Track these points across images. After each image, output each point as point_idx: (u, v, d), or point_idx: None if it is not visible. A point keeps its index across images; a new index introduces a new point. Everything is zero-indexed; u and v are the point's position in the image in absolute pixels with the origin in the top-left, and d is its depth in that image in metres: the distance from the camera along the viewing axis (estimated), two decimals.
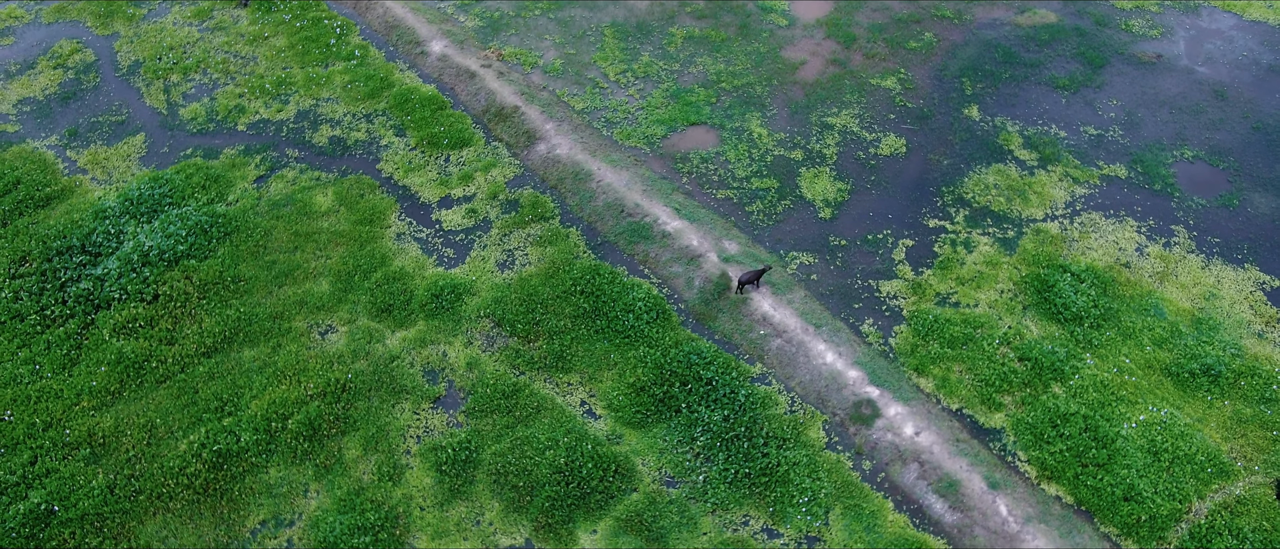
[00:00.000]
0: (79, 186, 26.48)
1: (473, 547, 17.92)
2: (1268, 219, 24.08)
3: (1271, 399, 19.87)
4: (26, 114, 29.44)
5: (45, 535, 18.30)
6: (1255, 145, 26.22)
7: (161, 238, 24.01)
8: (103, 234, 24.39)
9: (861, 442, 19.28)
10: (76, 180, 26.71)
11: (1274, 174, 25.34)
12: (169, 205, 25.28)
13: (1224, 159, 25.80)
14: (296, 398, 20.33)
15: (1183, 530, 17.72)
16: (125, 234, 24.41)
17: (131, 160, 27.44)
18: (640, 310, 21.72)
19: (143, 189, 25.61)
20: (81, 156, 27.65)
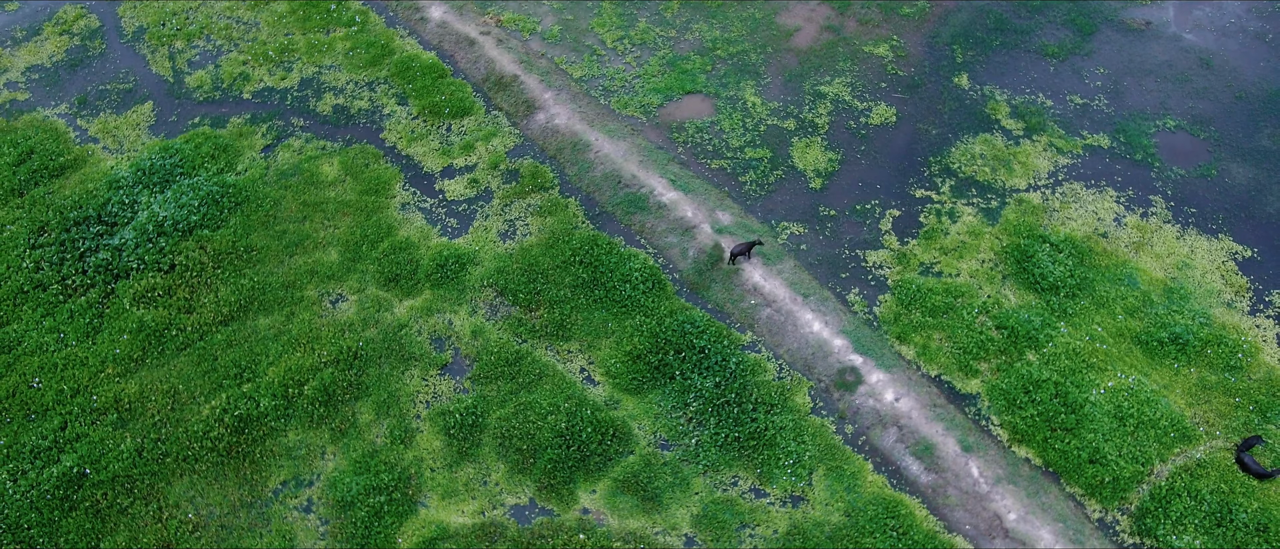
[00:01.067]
0: (91, 156, 27.21)
1: (480, 506, 19.22)
2: (1244, 189, 24.92)
3: (1236, 367, 20.99)
4: (35, 82, 29.99)
5: (78, 496, 19.58)
6: (1237, 115, 26.89)
7: (175, 208, 24.87)
8: (117, 204, 25.23)
9: (845, 407, 20.46)
10: (88, 149, 27.43)
11: (1253, 144, 26.07)
12: (180, 175, 26.06)
13: (1205, 129, 26.50)
14: (311, 365, 21.45)
15: (1144, 491, 19.00)
16: (139, 204, 25.25)
17: (141, 129, 28.12)
18: (637, 280, 22.71)
19: (154, 159, 26.36)
20: (92, 125, 28.32)
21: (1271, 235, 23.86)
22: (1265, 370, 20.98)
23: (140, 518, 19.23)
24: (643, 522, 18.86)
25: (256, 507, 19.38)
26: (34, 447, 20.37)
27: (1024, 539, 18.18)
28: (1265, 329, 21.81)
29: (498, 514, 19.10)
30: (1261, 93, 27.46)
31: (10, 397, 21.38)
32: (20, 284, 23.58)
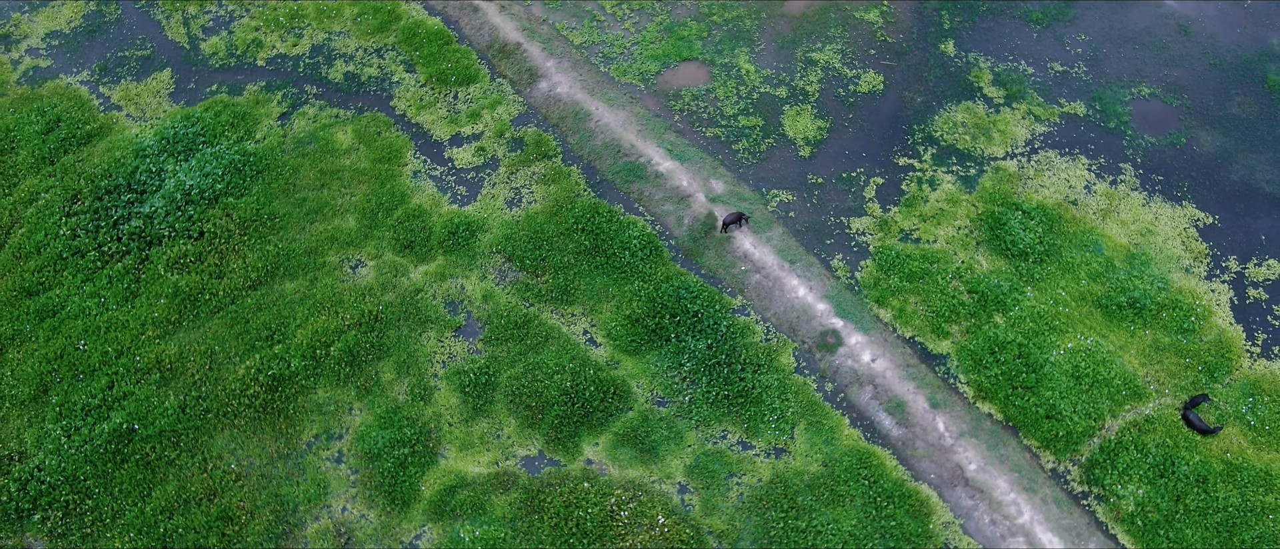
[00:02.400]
0: (116, 124, 28.57)
1: (494, 457, 21.28)
2: (1210, 157, 26.33)
3: (1189, 329, 22.78)
4: (56, 48, 31.12)
5: (129, 450, 21.64)
6: (1210, 82, 28.09)
7: (200, 177, 26.37)
8: (145, 173, 26.72)
9: (825, 367, 22.35)
10: (112, 117, 28.78)
11: (1223, 112, 27.35)
12: (202, 144, 27.47)
13: (1178, 97, 27.74)
14: (335, 327, 23.29)
15: (1094, 444, 21.00)
16: (166, 172, 26.75)
17: (161, 96, 29.40)
18: (635, 247, 24.37)
19: (177, 128, 27.73)
20: (114, 92, 29.59)
21: (1233, 202, 25.38)
22: (1216, 333, 22.78)
23: (187, 469, 21.33)
24: (641, 471, 20.94)
25: (292, 458, 21.46)
26: (84, 404, 22.34)
27: (982, 487, 20.26)
28: (1219, 293, 23.53)
29: (510, 464, 21.18)
30: (1236, 60, 28.59)
31: (59, 358, 23.28)
32: (59, 251, 25.25)
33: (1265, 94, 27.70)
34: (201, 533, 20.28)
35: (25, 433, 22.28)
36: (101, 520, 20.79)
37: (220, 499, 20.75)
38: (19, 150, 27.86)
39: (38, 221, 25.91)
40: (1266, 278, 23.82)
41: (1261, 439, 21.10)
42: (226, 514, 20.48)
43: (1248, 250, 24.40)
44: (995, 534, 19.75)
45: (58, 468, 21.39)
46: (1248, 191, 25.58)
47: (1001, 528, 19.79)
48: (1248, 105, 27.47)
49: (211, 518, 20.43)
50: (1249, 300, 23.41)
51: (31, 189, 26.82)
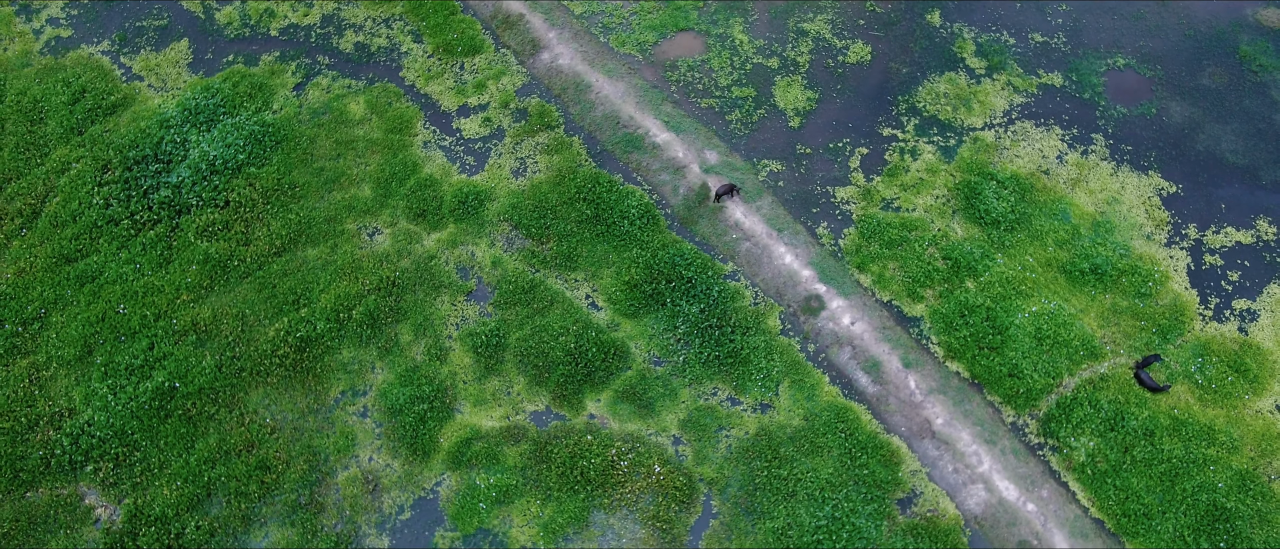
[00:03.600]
0: (138, 94, 29.98)
1: (505, 412, 23.37)
2: (1179, 127, 27.81)
3: (1146, 294, 24.62)
4: (76, 17, 32.29)
5: (172, 406, 23.72)
6: (1183, 52, 29.37)
7: (222, 147, 27.92)
8: (170, 143, 28.25)
9: (809, 329, 24.27)
10: (135, 88, 30.16)
11: (1195, 83, 28.72)
12: (223, 115, 28.93)
13: (1152, 68, 29.07)
14: (356, 292, 25.15)
15: (1052, 400, 23.03)
16: (190, 143, 28.28)
17: (180, 67, 30.72)
18: (634, 216, 26.06)
19: (198, 99, 29.15)
20: (135, 63, 30.91)
21: (1196, 171, 26.97)
22: (1172, 297, 24.63)
23: (226, 423, 23.43)
24: (639, 425, 23.04)
25: (321, 413, 23.54)
26: (127, 364, 24.34)
27: (947, 439, 22.37)
28: (1177, 260, 25.31)
29: (520, 419, 23.28)
30: (1209, 30, 29.83)
31: (101, 321, 25.20)
32: (93, 219, 26.95)
33: (1236, 65, 29.03)
34: (243, 481, 22.47)
35: (73, 391, 24.32)
36: (149, 470, 22.97)
37: (258, 450, 22.90)
38: (48, 121, 29.33)
39: (71, 191, 27.54)
40: (1223, 245, 25.56)
41: (1207, 397, 23.11)
42: (265, 464, 22.65)
43: (1207, 218, 26.07)
44: (957, 481, 21.93)
45: (106, 423, 23.48)
46: (1212, 161, 27.14)
47: (963, 476, 21.96)
48: (1218, 76, 28.82)
49: (251, 467, 22.60)
50: (1205, 266, 25.19)
51: (63, 159, 28.38)
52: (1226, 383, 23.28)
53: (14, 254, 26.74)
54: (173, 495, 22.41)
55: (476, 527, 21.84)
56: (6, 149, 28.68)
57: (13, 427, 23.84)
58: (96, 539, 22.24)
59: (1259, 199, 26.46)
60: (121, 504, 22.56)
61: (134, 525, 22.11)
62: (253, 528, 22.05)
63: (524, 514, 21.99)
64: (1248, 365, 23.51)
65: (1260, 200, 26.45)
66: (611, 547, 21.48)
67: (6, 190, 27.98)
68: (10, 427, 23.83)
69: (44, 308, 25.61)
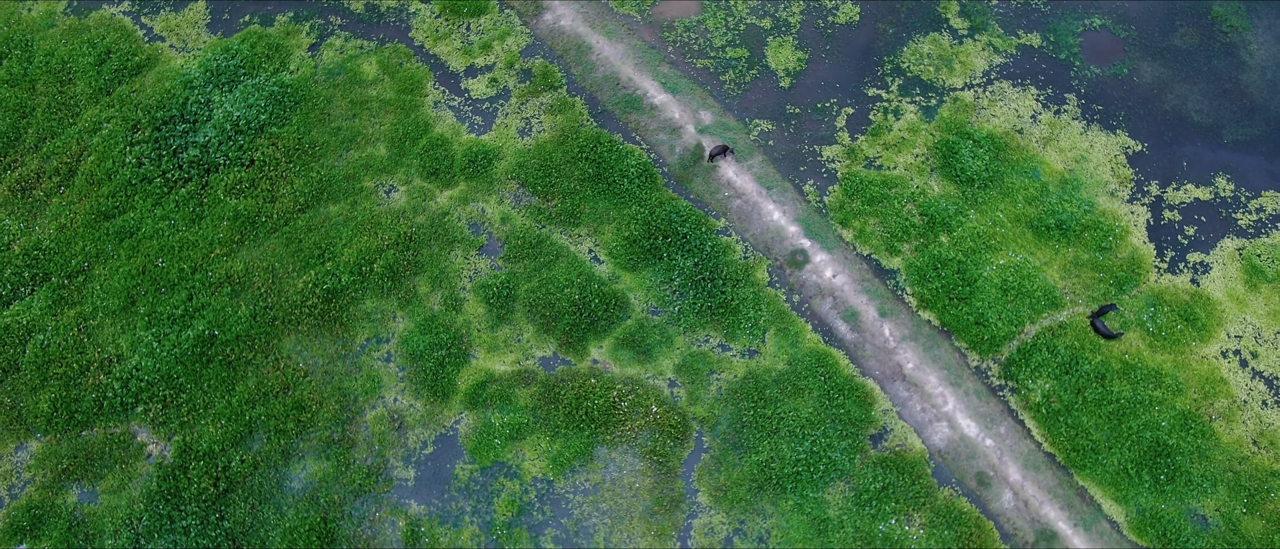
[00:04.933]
0: (161, 55, 31.46)
1: (516, 357, 25.67)
2: (1148, 87, 29.39)
3: (1106, 248, 26.63)
4: None
5: (212, 352, 26.00)
6: (1158, 13, 30.72)
7: (244, 108, 29.58)
8: (195, 104, 29.90)
9: (794, 281, 26.38)
10: (157, 48, 31.62)
11: (1166, 43, 30.17)
12: (243, 75, 30.49)
13: (1126, 28, 30.48)
14: (376, 246, 27.19)
15: (1013, 346, 25.28)
16: (213, 103, 29.92)
17: (199, 27, 32.12)
18: (632, 175, 27.91)
19: (218, 60, 30.66)
20: (155, 23, 32.28)
21: (1162, 130, 28.69)
22: (1130, 250, 26.65)
23: (262, 367, 25.76)
24: (637, 369, 25.36)
25: (349, 358, 25.85)
26: (169, 314, 26.54)
27: (917, 382, 24.71)
28: (1138, 215, 27.25)
29: (529, 364, 25.59)
30: None
31: (141, 274, 27.30)
32: (128, 177, 28.81)
33: (1208, 25, 30.44)
34: (281, 419, 24.91)
35: (120, 339, 26.58)
36: (195, 410, 25.39)
37: (293, 392, 25.29)
38: (77, 81, 30.90)
39: (105, 150, 29.32)
40: (1182, 201, 27.47)
41: (1157, 343, 25.36)
42: (300, 404, 25.06)
43: (1169, 176, 27.92)
44: (924, 419, 24.34)
45: (153, 368, 25.81)
46: (1177, 120, 28.83)
47: (930, 414, 24.36)
48: (1189, 36, 30.26)
49: (288, 407, 25.01)
50: (1164, 222, 27.16)
51: (93, 119, 30.06)
52: (1176, 331, 25.48)
53: (54, 211, 28.68)
54: (218, 433, 24.87)
55: (493, 460, 24.37)
56: (39, 110, 30.34)
57: (66, 372, 26.16)
58: (150, 473, 24.78)
59: (1220, 157, 28.25)
60: (171, 441, 25.05)
61: (184, 460, 24.63)
62: (292, 462, 24.58)
63: (535, 449, 24.49)
64: (1197, 315, 25.67)
65: (1221, 158, 28.23)
66: (613, 478, 24.04)
67: (42, 149, 29.75)
68: (63, 372, 26.16)
69: (87, 261, 27.68)
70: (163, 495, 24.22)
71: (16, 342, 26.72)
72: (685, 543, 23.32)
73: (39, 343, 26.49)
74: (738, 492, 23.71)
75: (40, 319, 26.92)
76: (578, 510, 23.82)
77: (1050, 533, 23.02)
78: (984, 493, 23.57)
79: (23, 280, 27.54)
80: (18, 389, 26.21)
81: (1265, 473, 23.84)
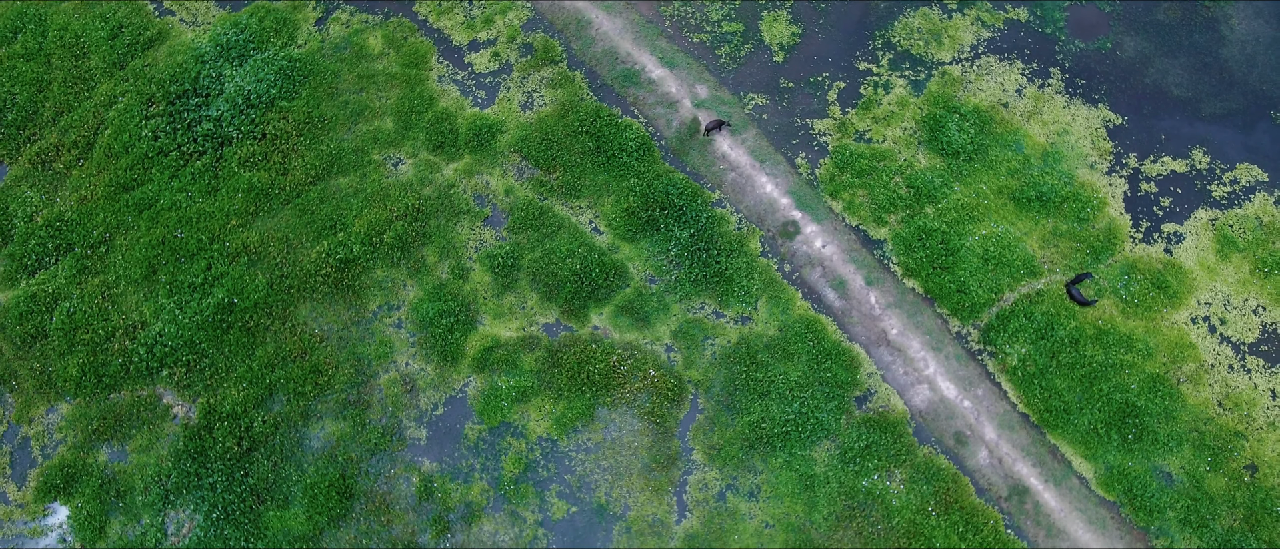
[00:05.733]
0: (171, 29, 32.30)
1: (521, 324, 27.03)
2: (1131, 61, 30.32)
3: (1084, 218, 27.83)
4: None
5: (232, 319, 27.34)
6: None
7: (255, 82, 30.54)
8: (207, 78, 30.84)
9: (785, 251, 27.64)
10: (168, 22, 32.46)
11: (1150, 18, 31.02)
12: (253, 50, 31.38)
13: (1112, 3, 31.30)
14: (386, 218, 28.38)
15: (992, 313, 26.64)
16: (225, 78, 30.87)
17: (208, 1, 32.88)
18: (631, 148, 29.00)
19: (228, 34, 31.52)
20: None
21: (1141, 104, 29.71)
22: (1107, 221, 27.86)
23: (280, 334, 27.12)
24: (636, 335, 26.75)
25: (362, 324, 27.21)
26: (190, 283, 27.83)
27: (900, 347, 26.12)
28: (1115, 187, 28.41)
29: (534, 330, 26.96)
30: None
31: (161, 244, 28.53)
32: (144, 150, 29.88)
33: (1191, 0, 31.24)
34: (299, 383, 26.35)
35: (143, 306, 27.91)
36: (217, 374, 26.81)
37: (310, 357, 26.69)
38: (91, 55, 31.80)
39: (121, 123, 30.34)
40: (1159, 173, 28.61)
41: (1129, 310, 26.70)
42: (317, 368, 26.48)
43: (1147, 148, 29.01)
44: (906, 382, 25.80)
45: (176, 334, 27.18)
46: (1157, 94, 29.83)
47: (912, 377, 25.82)
48: (1172, 11, 31.11)
49: (306, 371, 26.44)
50: (1140, 193, 28.32)
51: (109, 93, 31.03)
52: (1148, 298, 26.80)
53: (74, 183, 29.81)
54: (240, 395, 26.32)
55: (500, 421, 25.88)
56: (55, 84, 31.30)
57: (92, 338, 27.55)
58: (176, 433, 26.29)
59: (1197, 130, 29.31)
60: (196, 403, 26.52)
61: (209, 421, 26.12)
62: (310, 422, 26.08)
63: (539, 410, 25.98)
64: (1169, 282, 26.97)
65: (1198, 131, 29.30)
66: (613, 437, 25.56)
67: (61, 123, 30.77)
68: (90, 338, 27.54)
69: (108, 232, 28.89)
70: (190, 454, 25.75)
71: (43, 309, 28.05)
72: (681, 498, 24.93)
73: (65, 310, 27.82)
74: (730, 450, 25.25)
75: (65, 287, 28.22)
76: (580, 468, 25.40)
77: (1022, 488, 24.61)
78: (961, 451, 25.12)
79: (47, 250, 28.77)
80: (47, 354, 27.61)
81: (1229, 433, 25.32)
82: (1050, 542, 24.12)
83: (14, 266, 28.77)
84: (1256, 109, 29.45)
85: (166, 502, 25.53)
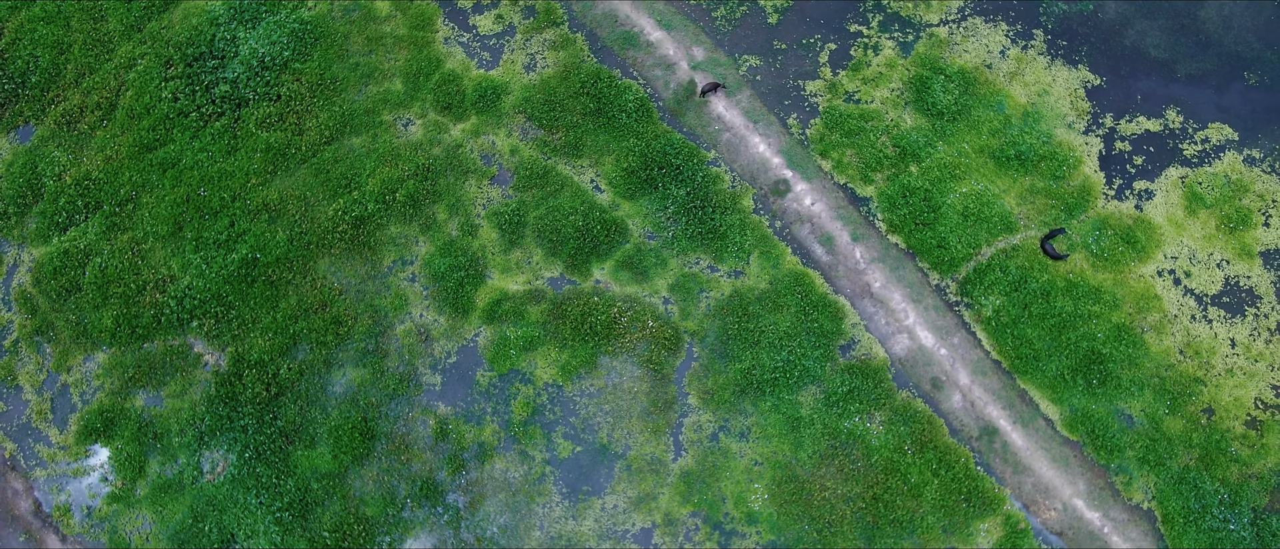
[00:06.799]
0: None
1: (527, 278, 28.79)
2: (1111, 23, 31.46)
3: (1060, 176, 29.33)
4: None
5: (255, 273, 29.08)
6: None
7: (268, 45, 31.75)
8: (222, 41, 32.05)
9: (776, 209, 29.24)
10: None
11: None
12: (265, 12, 32.50)
13: None
14: (397, 177, 29.91)
15: (970, 267, 28.35)
16: (239, 40, 32.07)
17: None
18: (631, 110, 30.37)
19: None
20: None
21: (1120, 65, 30.95)
22: (1082, 179, 29.37)
23: (302, 287, 28.89)
24: (635, 288, 28.52)
25: (378, 278, 28.97)
26: (214, 239, 29.50)
27: (883, 299, 27.91)
28: (1091, 146, 29.85)
29: (539, 284, 28.73)
30: None
31: (185, 203, 30.12)
32: (165, 111, 31.26)
33: None
34: (321, 333, 28.22)
35: (171, 261, 29.62)
36: (244, 325, 28.67)
37: (331, 308, 28.51)
38: (108, 18, 32.94)
39: (142, 85, 31.66)
40: (1133, 133, 30.02)
41: (1099, 264, 28.38)
42: (337, 319, 28.33)
43: (1123, 108, 30.36)
44: (888, 332, 27.66)
45: (203, 287, 28.95)
46: (1136, 55, 31.06)
47: (893, 327, 27.66)
48: None
49: (327, 322, 28.29)
50: (1115, 152, 29.77)
51: (128, 55, 32.27)
52: (1117, 252, 28.47)
53: (99, 143, 31.26)
54: (266, 345, 28.22)
55: (509, 368, 27.83)
56: (76, 46, 32.51)
57: (124, 291, 29.33)
58: (208, 380, 28.25)
59: (1172, 90, 30.62)
60: (225, 352, 28.43)
61: (238, 368, 28.06)
62: (333, 369, 28.03)
63: (546, 358, 27.91)
64: (1138, 237, 28.60)
65: (1173, 92, 30.61)
66: (614, 383, 27.54)
67: (83, 84, 32.08)
68: (122, 291, 29.33)
69: (134, 191, 30.46)
70: (221, 399, 27.75)
71: (76, 264, 29.78)
72: (677, 438, 27.01)
73: (97, 265, 29.56)
74: (723, 395, 27.24)
75: (96, 243, 29.90)
76: (584, 411, 27.43)
77: (992, 429, 26.65)
78: (936, 395, 27.10)
79: (77, 208, 30.38)
80: (81, 307, 29.43)
81: (1188, 379, 27.24)
82: (1016, 478, 26.25)
83: (46, 224, 30.40)
84: (1230, 70, 30.71)
85: (201, 442, 27.62)
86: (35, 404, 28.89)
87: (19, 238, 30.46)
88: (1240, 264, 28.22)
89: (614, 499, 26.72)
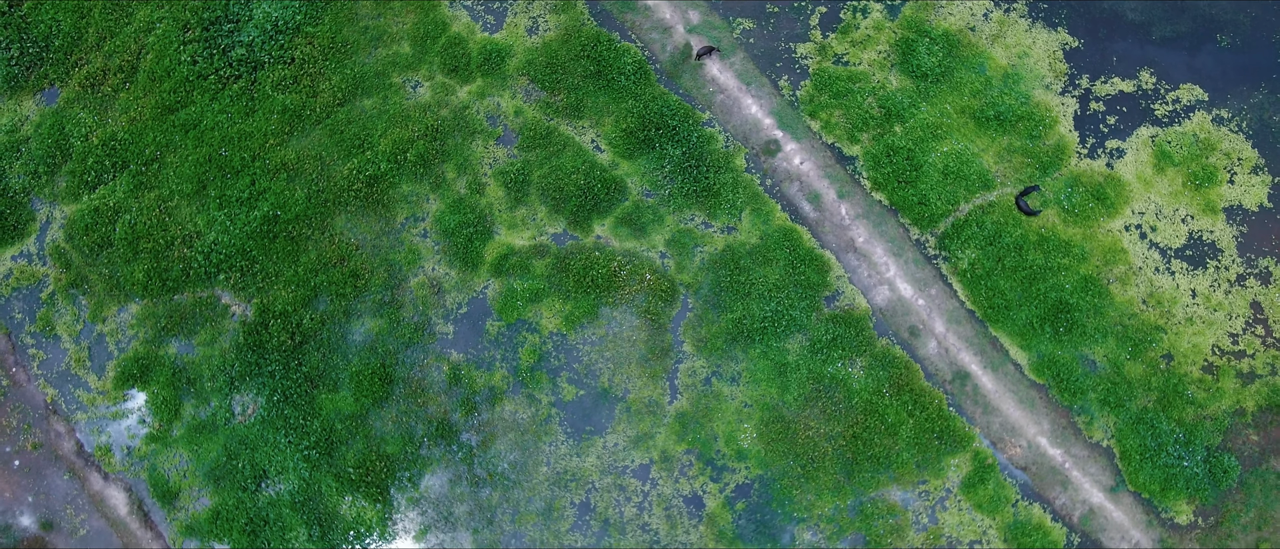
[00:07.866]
0: None
1: (532, 234, 30.64)
2: None
3: (1036, 136, 30.93)
4: None
5: (277, 230, 30.92)
6: None
7: (281, 8, 33.06)
8: (236, 5, 33.33)
9: (767, 168, 30.94)
10: None
11: None
12: None
13: None
14: (408, 137, 31.55)
15: (949, 222, 30.16)
16: (252, 3, 33.37)
17: None
18: (629, 72, 31.84)
19: None
20: None
21: (1097, 28, 32.30)
22: (1057, 138, 31.00)
23: (320, 242, 30.76)
24: (634, 243, 30.40)
25: (392, 234, 30.82)
26: (236, 197, 31.27)
27: (866, 253, 29.80)
28: (1067, 106, 31.39)
29: (543, 239, 30.59)
30: None
31: (208, 163, 31.79)
32: (185, 74, 32.72)
33: None
34: (340, 285, 30.19)
35: (196, 218, 31.43)
36: (268, 278, 30.61)
37: (348, 263, 30.43)
38: None
39: (161, 49, 33.05)
40: (1108, 94, 31.52)
41: (1070, 219, 30.18)
42: (355, 272, 30.27)
43: (1099, 70, 31.81)
44: (870, 284, 29.61)
45: (228, 243, 30.82)
46: (1113, 18, 32.38)
47: (874, 279, 29.61)
48: None
49: (345, 275, 30.24)
50: (1089, 112, 31.33)
51: (146, 19, 33.58)
52: (1088, 208, 30.25)
53: (123, 105, 32.80)
54: (289, 296, 30.21)
55: (516, 318, 29.86)
56: (96, 10, 33.80)
57: (153, 246, 31.20)
58: (236, 329, 30.31)
59: (1147, 52, 32.02)
60: (251, 303, 30.43)
61: (264, 318, 30.09)
62: (352, 319, 30.07)
63: (550, 309, 29.92)
64: (1108, 194, 30.35)
65: (1148, 54, 32.02)
66: (615, 332, 29.60)
67: (104, 48, 33.47)
68: (152, 246, 31.20)
69: (159, 151, 32.11)
70: (249, 347, 29.85)
71: (107, 221, 31.60)
72: (673, 383, 29.16)
73: (127, 222, 31.38)
74: (715, 343, 29.32)
75: (125, 201, 31.68)
76: (586, 358, 29.54)
77: (964, 373, 28.78)
78: (914, 342, 29.17)
79: (104, 168, 32.08)
80: (113, 261, 31.34)
81: (1150, 327, 29.26)
82: (985, 418, 28.48)
83: (76, 182, 32.12)
84: (1204, 32, 32.07)
85: (232, 387, 29.80)
86: (73, 352, 30.99)
87: (51, 196, 32.21)
88: (1204, 219, 30.01)
89: (614, 438, 29.02)
